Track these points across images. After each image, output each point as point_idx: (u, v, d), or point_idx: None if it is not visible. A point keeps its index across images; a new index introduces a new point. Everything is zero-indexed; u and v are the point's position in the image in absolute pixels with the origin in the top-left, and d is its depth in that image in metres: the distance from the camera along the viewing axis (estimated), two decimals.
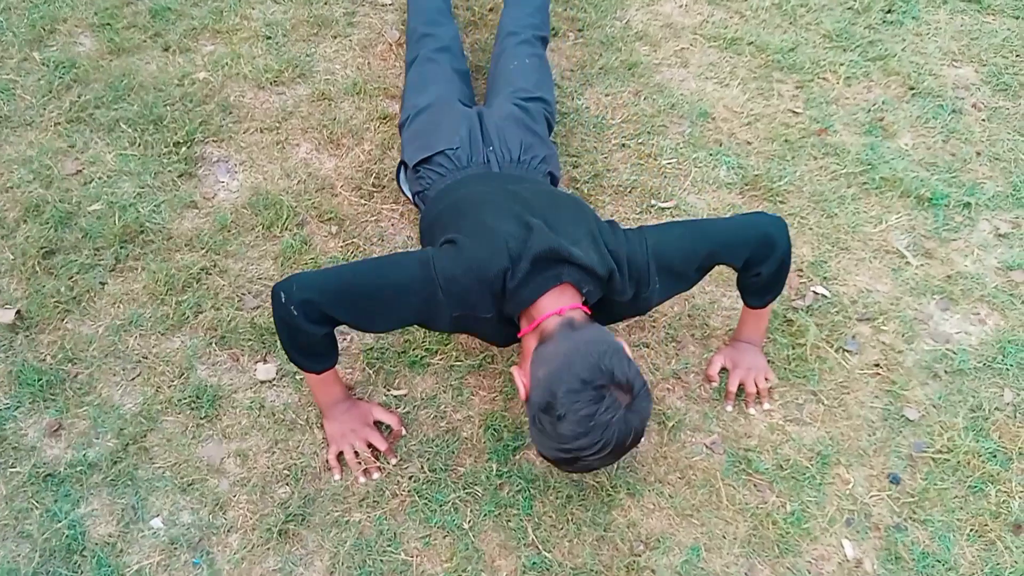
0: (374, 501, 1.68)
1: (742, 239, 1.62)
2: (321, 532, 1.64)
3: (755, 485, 1.72)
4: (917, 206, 2.17)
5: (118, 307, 1.93)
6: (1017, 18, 2.63)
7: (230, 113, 2.31)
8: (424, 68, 2.13)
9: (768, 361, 1.86)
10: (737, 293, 1.93)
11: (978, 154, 2.29)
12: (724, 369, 1.84)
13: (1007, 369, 1.89)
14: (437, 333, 1.91)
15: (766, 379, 1.81)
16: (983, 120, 2.37)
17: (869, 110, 2.39)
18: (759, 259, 1.63)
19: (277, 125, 2.30)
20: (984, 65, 2.51)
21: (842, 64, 2.49)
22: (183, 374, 1.83)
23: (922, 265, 2.06)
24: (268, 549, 1.61)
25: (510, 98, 2.01)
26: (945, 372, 1.88)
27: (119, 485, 1.68)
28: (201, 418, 1.77)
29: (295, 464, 1.72)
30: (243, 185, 2.16)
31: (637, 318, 1.93)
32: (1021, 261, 2.06)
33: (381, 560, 1.61)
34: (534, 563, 1.61)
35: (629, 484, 1.71)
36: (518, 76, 2.08)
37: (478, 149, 1.85)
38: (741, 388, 1.81)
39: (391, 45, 2.51)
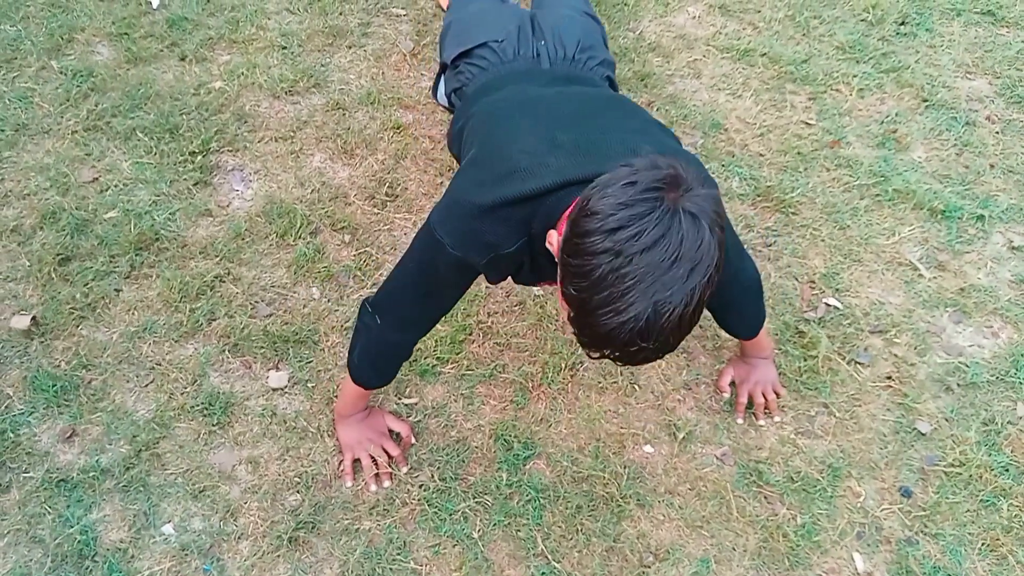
0: (384, 509, 1.69)
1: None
2: (331, 540, 1.65)
3: (765, 497, 1.72)
4: (930, 218, 2.16)
5: (132, 314, 1.94)
6: None
7: (245, 122, 2.33)
8: None
9: (779, 373, 1.85)
10: None
11: (991, 167, 2.28)
12: (735, 381, 1.84)
13: (1020, 383, 1.88)
14: (447, 342, 1.91)
15: (775, 392, 1.80)
16: (997, 132, 2.36)
17: (882, 122, 2.38)
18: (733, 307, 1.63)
19: (292, 134, 2.31)
20: (998, 77, 2.50)
21: (855, 76, 2.49)
22: (196, 381, 1.84)
23: (935, 278, 2.06)
24: (278, 556, 1.62)
25: (565, 5, 1.81)
26: (958, 385, 1.87)
27: (131, 491, 1.69)
28: (213, 425, 1.78)
29: (306, 472, 1.72)
30: (257, 194, 2.18)
31: None
32: None
33: (391, 569, 1.61)
34: (543, 573, 1.61)
35: (639, 495, 1.71)
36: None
37: (527, 41, 1.62)
38: (751, 400, 1.81)
39: (405, 55, 2.52)
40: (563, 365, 1.89)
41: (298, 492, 1.70)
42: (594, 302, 1.00)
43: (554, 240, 1.15)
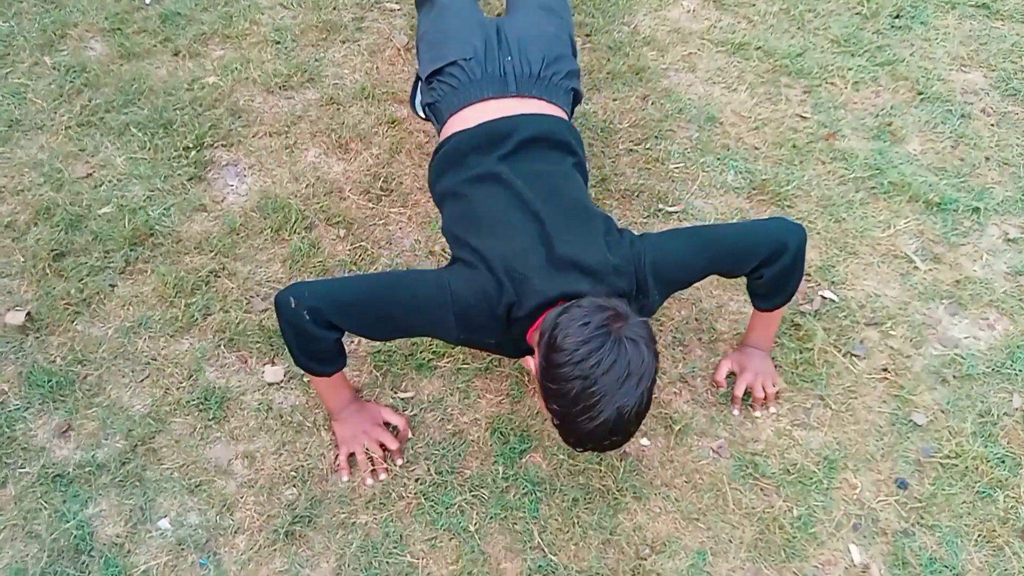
0: (380, 503, 1.68)
1: (751, 247, 1.61)
2: (327, 534, 1.64)
3: (762, 489, 1.72)
4: (926, 211, 2.17)
5: (128, 309, 1.94)
6: None
7: (239, 117, 2.32)
8: None
9: (776, 366, 1.85)
10: (745, 297, 1.94)
11: (987, 159, 2.29)
12: (731, 373, 1.84)
13: (1016, 374, 1.88)
14: None
15: (773, 384, 1.80)
16: (992, 125, 2.37)
17: (877, 115, 2.39)
18: (770, 263, 1.63)
19: (286, 129, 2.31)
20: (993, 70, 2.50)
21: (850, 69, 2.49)
22: (192, 376, 1.84)
23: (931, 270, 2.06)
24: (275, 550, 1.62)
25: (535, 6, 1.93)
26: (953, 377, 1.88)
27: (127, 486, 1.68)
28: (209, 420, 1.78)
29: (302, 466, 1.72)
30: (252, 189, 2.17)
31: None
32: None
33: (387, 562, 1.61)
34: (540, 566, 1.61)
35: (635, 488, 1.71)
36: None
37: (493, 58, 1.77)
38: (748, 393, 1.81)
39: (399, 50, 2.52)
40: None
41: (294, 486, 1.70)
42: (573, 414, 1.33)
43: (531, 363, 1.45)
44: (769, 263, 1.62)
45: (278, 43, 2.50)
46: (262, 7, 2.60)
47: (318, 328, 1.52)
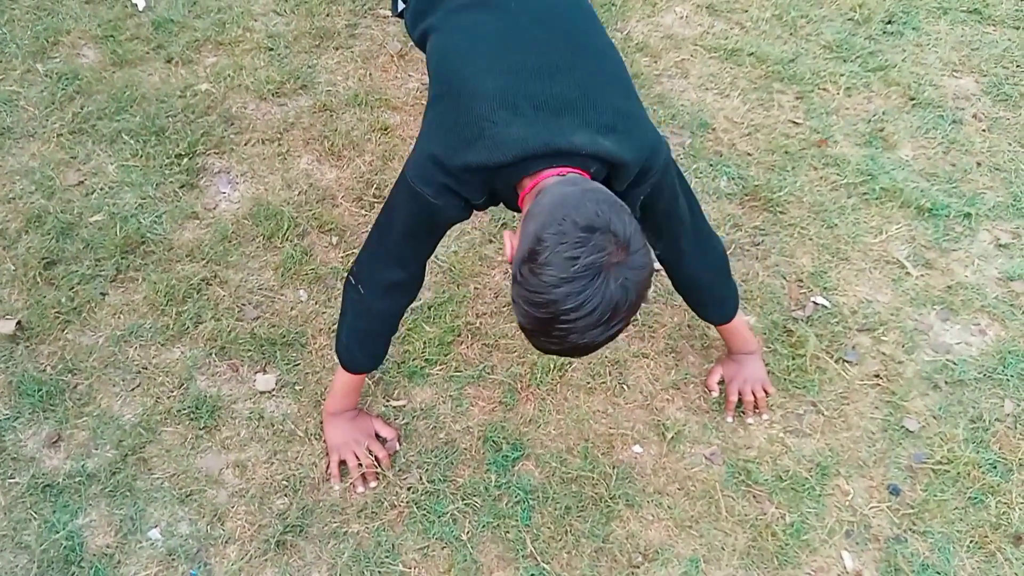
0: (372, 512, 1.68)
1: (692, 230, 1.57)
2: (319, 543, 1.64)
3: (754, 496, 1.72)
4: (917, 216, 2.17)
5: (118, 318, 1.93)
6: (1018, 28, 2.64)
7: (232, 124, 2.32)
8: None
9: (768, 372, 1.85)
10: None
11: (978, 164, 2.29)
12: (723, 380, 1.84)
13: (1008, 380, 1.88)
14: (435, 344, 1.91)
15: (764, 390, 1.80)
16: (983, 131, 2.37)
17: (869, 121, 2.39)
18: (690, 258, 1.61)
19: (279, 136, 2.30)
20: (984, 75, 2.51)
21: (842, 75, 2.50)
22: (183, 384, 1.83)
23: (922, 275, 2.06)
24: (266, 560, 1.61)
25: None
26: (945, 383, 1.88)
27: (118, 496, 1.68)
28: (200, 429, 1.77)
29: (293, 475, 1.72)
30: (244, 196, 2.17)
31: (636, 327, 1.94)
32: (1021, 271, 2.06)
33: (379, 571, 1.61)
34: (532, 574, 1.61)
35: (628, 495, 1.71)
36: None
37: None
38: (741, 398, 1.81)
39: (392, 57, 2.52)
40: (552, 366, 1.88)
41: (286, 496, 1.69)
42: (535, 331, 1.20)
43: (508, 240, 1.27)
44: (704, 256, 1.63)
45: (271, 50, 2.50)
46: (255, 14, 2.60)
47: (376, 298, 1.54)
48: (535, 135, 1.28)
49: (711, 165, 2.27)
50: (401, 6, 1.75)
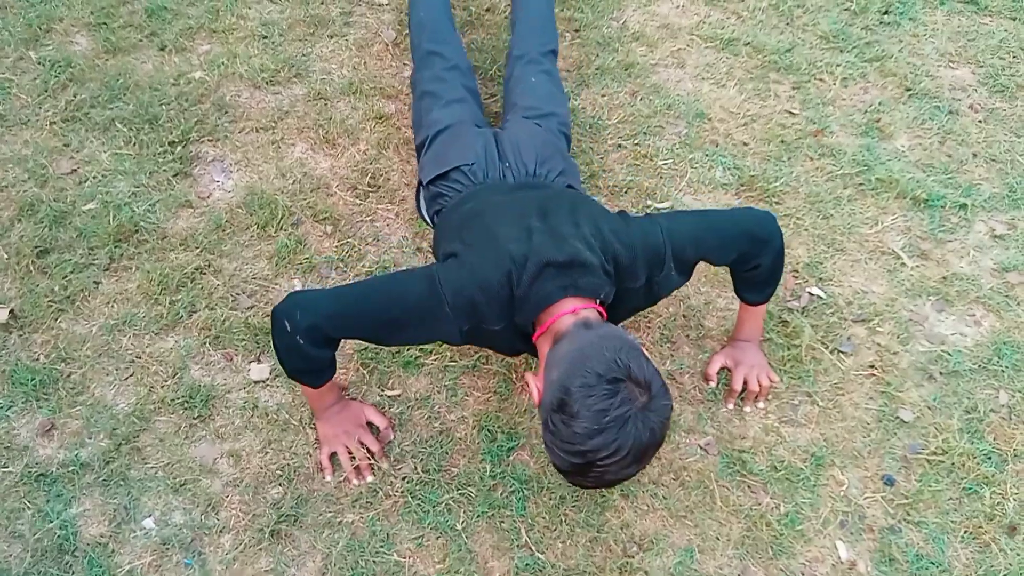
0: (367, 502, 1.68)
1: (738, 232, 1.62)
2: (314, 533, 1.64)
3: (749, 487, 1.72)
4: (913, 207, 2.17)
5: (112, 307, 1.92)
6: (1014, 19, 2.63)
7: (226, 113, 2.30)
8: (436, 88, 2.05)
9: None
10: (732, 295, 1.93)
11: (974, 155, 2.29)
12: (723, 369, 1.84)
13: (1002, 371, 1.88)
14: None
15: (768, 377, 1.80)
16: (980, 122, 2.37)
17: (866, 111, 2.38)
18: (755, 252, 1.63)
19: (273, 125, 2.29)
20: (981, 66, 2.50)
21: (839, 65, 2.49)
22: (176, 374, 1.83)
23: (918, 266, 2.06)
24: (260, 550, 1.61)
25: (522, 116, 1.99)
26: (940, 374, 1.88)
27: (111, 485, 1.67)
28: (194, 418, 1.77)
29: (288, 464, 1.71)
30: (238, 184, 2.16)
31: (632, 318, 1.93)
32: (1016, 263, 2.06)
33: (374, 561, 1.61)
34: (527, 564, 1.61)
35: (623, 485, 1.70)
36: (528, 95, 2.05)
37: (494, 165, 1.81)
38: (745, 386, 1.80)
39: (387, 45, 2.50)
40: None
41: (280, 485, 1.69)
42: (567, 472, 1.33)
43: (531, 384, 1.39)
44: (758, 252, 1.63)
45: (265, 38, 2.48)
46: (249, 1, 2.58)
47: (314, 348, 1.49)
48: (550, 248, 1.43)
49: (707, 155, 2.27)
50: (424, 209, 1.93)
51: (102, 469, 1.69)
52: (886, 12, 2.65)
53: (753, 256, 1.64)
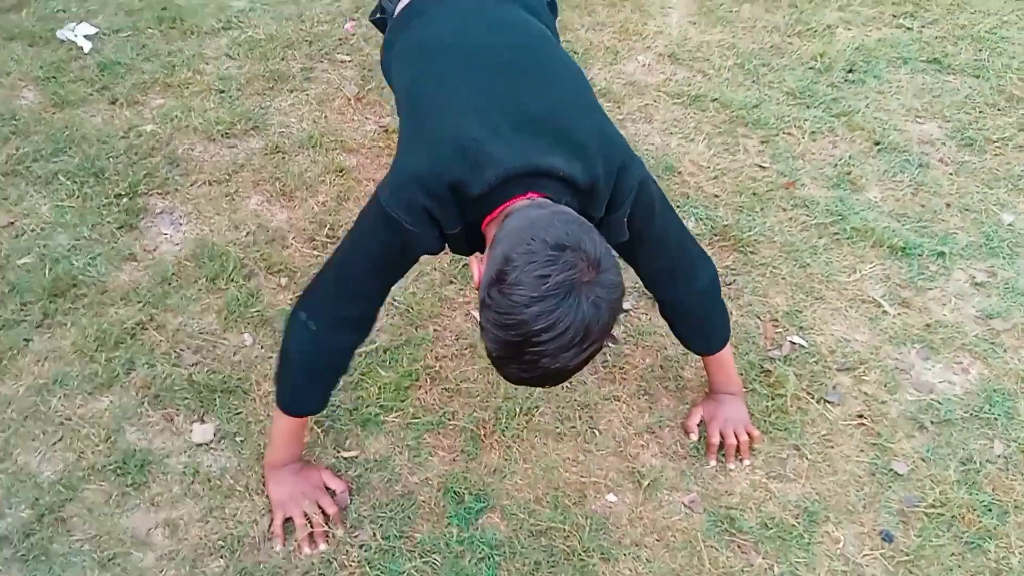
0: (320, 574, 1.51)
1: (684, 247, 1.54)
2: None
3: (739, 546, 1.58)
4: (890, 256, 2.11)
5: (42, 366, 1.76)
6: (977, 76, 2.65)
7: (177, 166, 2.20)
8: None
9: (749, 414, 1.74)
10: None
11: (948, 206, 2.25)
12: (702, 422, 1.72)
13: (995, 419, 1.79)
14: (391, 389, 1.77)
15: (748, 433, 1.68)
16: (951, 174, 2.34)
17: (836, 164, 2.35)
18: (677, 276, 1.54)
19: (227, 177, 2.19)
20: (948, 121, 2.50)
21: (806, 120, 2.47)
22: (110, 437, 1.66)
23: (900, 314, 1.98)
24: None
25: None
26: (931, 423, 1.78)
27: (31, 560, 1.49)
28: (127, 485, 1.60)
29: (231, 534, 1.54)
30: (187, 237, 2.04)
31: (607, 371, 1.82)
32: (999, 309, 2.00)
33: None
34: None
35: (603, 548, 1.56)
36: None
37: None
38: (723, 441, 1.69)
39: (349, 99, 2.44)
40: (517, 410, 1.75)
41: (221, 557, 1.52)
42: (505, 358, 1.15)
43: (474, 267, 1.21)
44: (680, 279, 1.54)
45: (222, 92, 2.40)
46: (207, 57, 2.52)
47: (336, 334, 1.42)
48: (517, 155, 1.24)
49: (679, 207, 2.20)
50: (378, 15, 1.75)
51: (21, 543, 1.50)
52: (850, 71, 2.66)
53: (674, 280, 1.54)
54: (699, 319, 1.61)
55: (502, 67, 1.39)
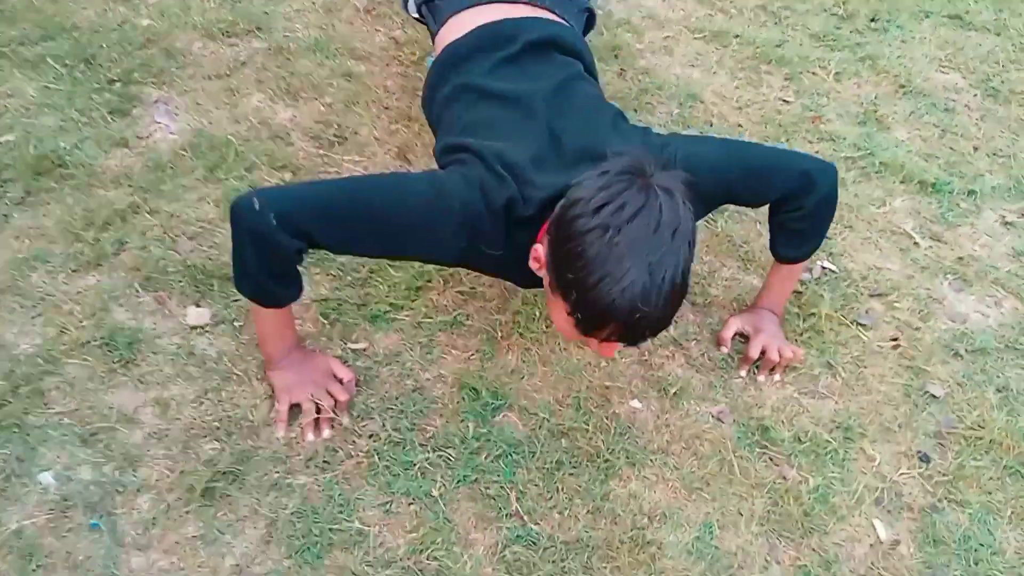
0: (324, 462, 1.38)
1: (781, 168, 1.45)
2: (256, 495, 1.33)
3: (771, 459, 1.48)
4: (920, 191, 2.03)
5: (22, 241, 1.62)
6: (999, 34, 2.60)
7: (174, 59, 2.06)
8: None
9: None
10: (738, 264, 1.75)
11: (976, 149, 2.19)
12: (737, 335, 1.63)
13: None
14: (401, 288, 1.65)
15: (792, 351, 1.58)
16: (977, 120, 2.28)
17: (862, 103, 2.28)
18: (799, 193, 1.45)
19: (227, 73, 2.06)
20: (972, 72, 2.44)
21: (831, 60, 2.39)
22: (95, 315, 1.52)
23: (931, 247, 1.91)
24: (187, 512, 1.30)
25: None
26: (966, 351, 1.70)
27: (3, 431, 1.34)
28: (114, 362, 1.46)
29: (228, 417, 1.41)
30: (184, 128, 1.90)
31: None
32: None
33: (330, 529, 1.31)
34: (518, 536, 1.33)
35: (628, 452, 1.45)
36: None
37: None
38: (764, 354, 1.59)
39: (359, 10, 2.31)
40: (537, 315, 1.64)
41: (217, 440, 1.39)
42: (593, 278, 1.07)
43: (540, 252, 1.20)
44: (802, 194, 1.45)
45: None
46: None
47: (286, 235, 1.23)
48: (563, 179, 1.22)
49: (702, 133, 2.11)
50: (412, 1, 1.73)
51: None
52: (873, 19, 2.59)
53: (795, 197, 1.45)
54: (805, 229, 1.52)
55: (541, 113, 1.39)
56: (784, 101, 2.26)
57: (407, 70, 2.16)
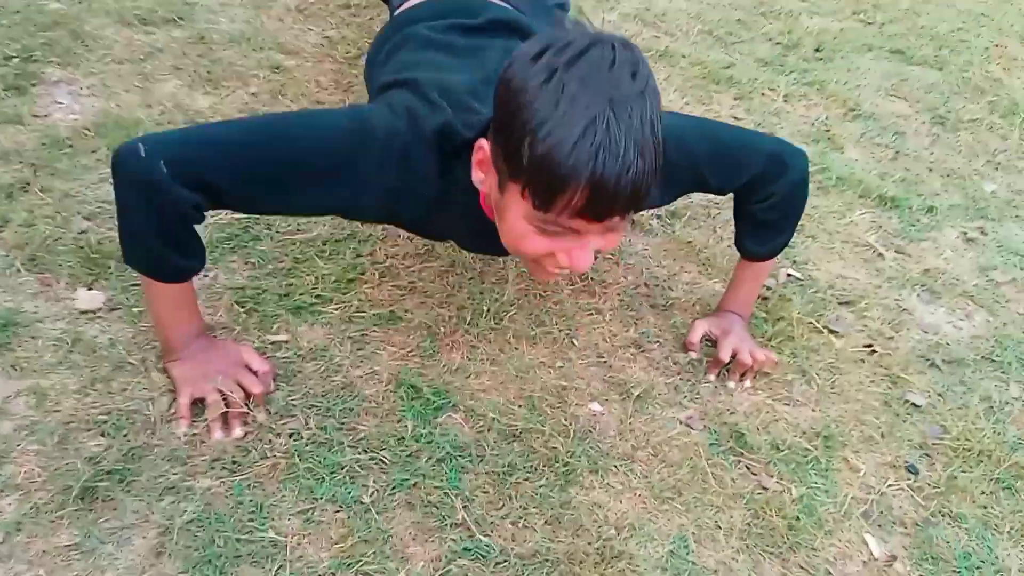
0: (233, 462, 1.16)
1: (750, 147, 1.33)
2: (147, 498, 1.10)
3: (747, 467, 1.32)
4: (879, 205, 1.96)
5: None
6: (941, 70, 2.60)
7: (83, 42, 1.87)
8: None
9: None
10: (699, 268, 1.63)
11: (930, 170, 2.13)
12: (705, 338, 1.48)
13: (1008, 363, 1.61)
14: (330, 280, 1.46)
15: (765, 355, 1.44)
16: (928, 144, 2.24)
17: (813, 124, 2.22)
18: (769, 178, 1.33)
19: (141, 59, 1.87)
20: (918, 101, 2.42)
21: (779, 83, 2.34)
22: None
23: (896, 259, 1.82)
24: (61, 517, 1.05)
25: None
26: (943, 361, 1.59)
27: None
28: None
29: (119, 409, 1.18)
30: (89, 108, 1.70)
31: (582, 283, 1.56)
32: (996, 263, 1.86)
33: (238, 540, 1.08)
34: (465, 548, 1.12)
35: (590, 456, 1.27)
36: None
37: None
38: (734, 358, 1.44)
39: (290, 9, 2.16)
40: (485, 310, 1.47)
41: (102, 435, 1.15)
42: (544, 129, 0.89)
43: (484, 146, 1.03)
44: (772, 178, 1.33)
45: None
46: None
47: (180, 186, 1.03)
48: None
49: None
50: None
51: None
52: (818, 49, 2.57)
53: (765, 181, 1.34)
54: (774, 221, 1.42)
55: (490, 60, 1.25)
56: (735, 118, 2.18)
57: (341, 67, 2.00)
